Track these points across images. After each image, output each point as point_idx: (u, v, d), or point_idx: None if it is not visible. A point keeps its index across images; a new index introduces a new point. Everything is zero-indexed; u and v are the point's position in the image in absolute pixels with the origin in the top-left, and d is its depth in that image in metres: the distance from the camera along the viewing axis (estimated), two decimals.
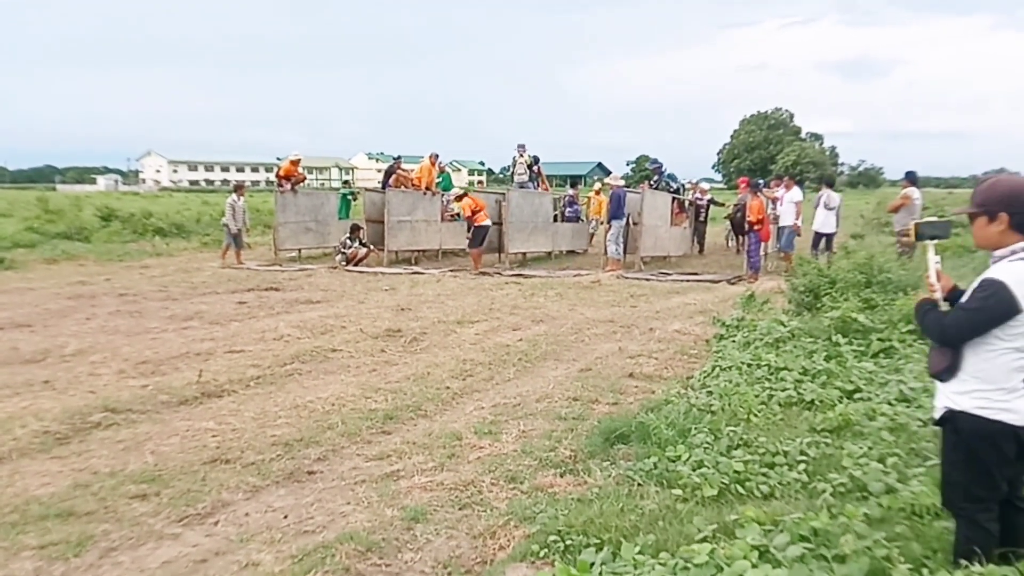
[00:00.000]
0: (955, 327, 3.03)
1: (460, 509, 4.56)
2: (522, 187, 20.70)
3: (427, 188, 19.58)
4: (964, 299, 3.05)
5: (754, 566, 3.12)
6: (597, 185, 24.03)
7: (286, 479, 5.08)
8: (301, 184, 20.53)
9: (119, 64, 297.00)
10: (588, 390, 7.09)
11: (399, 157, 20.77)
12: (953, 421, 3.07)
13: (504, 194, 19.29)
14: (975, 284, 3.01)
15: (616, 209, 17.34)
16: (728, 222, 21.36)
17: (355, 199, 22.45)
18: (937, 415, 3.15)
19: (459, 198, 17.59)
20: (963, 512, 3.13)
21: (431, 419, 6.37)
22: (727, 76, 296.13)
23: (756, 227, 15.67)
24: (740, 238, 18.55)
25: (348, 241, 17.88)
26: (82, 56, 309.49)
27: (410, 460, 5.35)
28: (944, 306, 3.15)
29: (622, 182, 19.09)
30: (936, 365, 3.13)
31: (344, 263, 17.51)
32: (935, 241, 3.29)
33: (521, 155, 21.06)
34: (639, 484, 4.69)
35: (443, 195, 20.34)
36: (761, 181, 18.95)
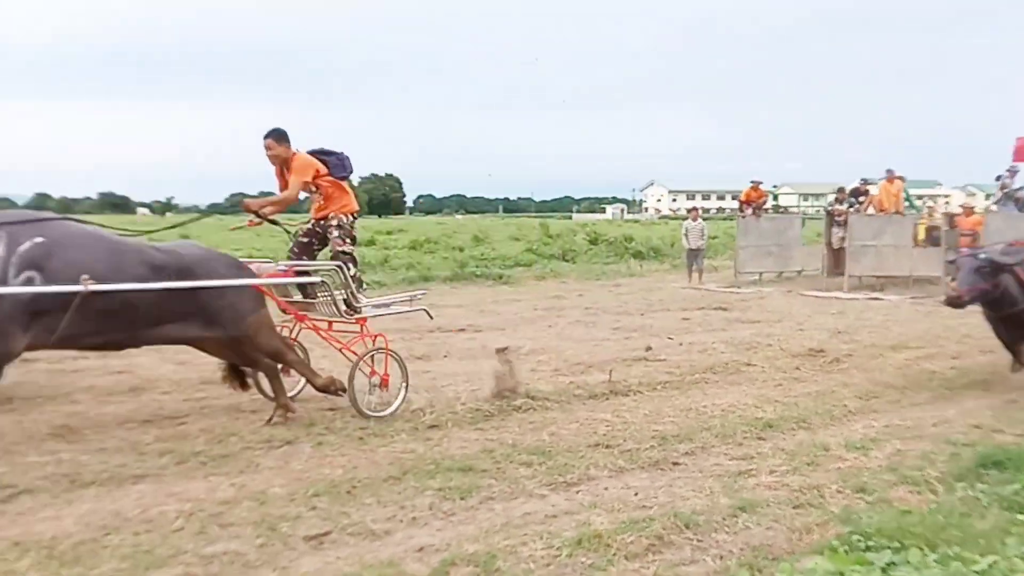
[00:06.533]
0: None
1: (793, 508, 4.72)
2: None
3: (896, 211, 18.53)
4: None
5: None
6: None
7: (650, 466, 5.66)
8: (762, 208, 20.90)
9: (632, 102, 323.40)
10: (999, 421, 6.53)
11: (865, 180, 19.96)
12: None
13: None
14: None
15: None
16: None
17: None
18: None
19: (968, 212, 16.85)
20: None
21: (812, 431, 6.45)
22: None
23: None
24: None
25: None
26: (597, 99, 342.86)
27: (766, 462, 5.61)
28: None
29: None
30: None
31: None
32: None
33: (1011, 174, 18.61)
34: (984, 506, 4.42)
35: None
36: None
